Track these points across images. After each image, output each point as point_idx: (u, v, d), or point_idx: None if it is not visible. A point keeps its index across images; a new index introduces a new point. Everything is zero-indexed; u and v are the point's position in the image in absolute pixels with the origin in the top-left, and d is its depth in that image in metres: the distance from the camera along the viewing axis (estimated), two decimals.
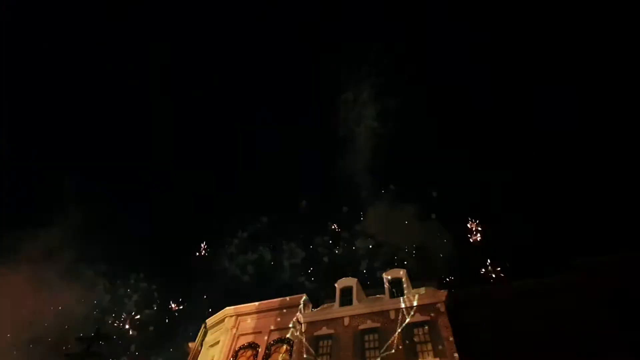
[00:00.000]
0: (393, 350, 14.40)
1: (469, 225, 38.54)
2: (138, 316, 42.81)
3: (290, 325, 17.83)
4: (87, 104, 68.89)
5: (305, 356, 15.76)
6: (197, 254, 45.64)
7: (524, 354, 12.88)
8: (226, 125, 74.41)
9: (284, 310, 18.92)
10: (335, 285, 18.79)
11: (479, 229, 35.99)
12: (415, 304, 15.68)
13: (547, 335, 13.15)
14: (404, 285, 17.18)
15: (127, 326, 41.97)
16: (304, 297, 18.99)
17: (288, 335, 17.53)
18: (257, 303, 19.97)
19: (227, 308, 20.32)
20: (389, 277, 17.80)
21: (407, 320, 15.24)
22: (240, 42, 73.49)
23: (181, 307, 43.17)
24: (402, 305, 15.87)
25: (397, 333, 14.94)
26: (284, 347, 17.30)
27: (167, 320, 42.61)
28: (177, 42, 72.71)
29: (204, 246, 46.45)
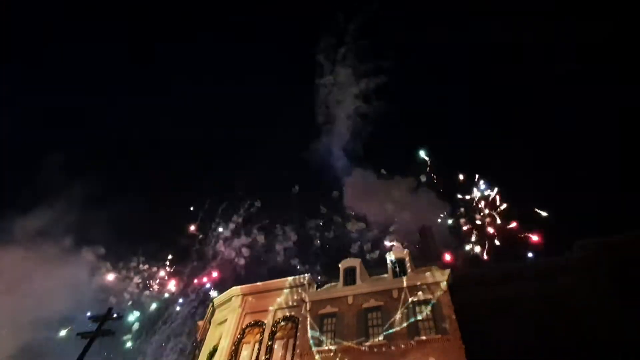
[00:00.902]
0: (396, 328, 14.81)
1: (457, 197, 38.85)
2: (140, 296, 44.14)
3: (295, 304, 18.31)
4: (71, 74, 66.63)
5: (310, 333, 16.25)
6: (193, 235, 46.56)
7: (525, 331, 13.20)
8: (218, 112, 73.01)
9: (289, 290, 19.38)
10: (339, 265, 19.15)
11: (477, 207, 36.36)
12: (417, 283, 15.99)
13: (549, 314, 13.40)
14: (407, 266, 17.49)
15: (130, 303, 43.35)
16: (308, 277, 19.41)
17: (293, 314, 18.04)
18: (262, 283, 20.45)
19: (234, 288, 20.83)
20: (392, 258, 18.09)
21: (410, 299, 15.59)
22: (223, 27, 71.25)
23: (177, 287, 44.49)
24: (405, 285, 16.20)
25: (399, 311, 15.32)
26: (290, 324, 17.84)
27: (164, 302, 44.02)
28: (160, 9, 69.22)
29: (197, 226, 47.20)
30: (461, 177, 35.62)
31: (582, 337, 12.28)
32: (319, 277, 21.00)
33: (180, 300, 43.67)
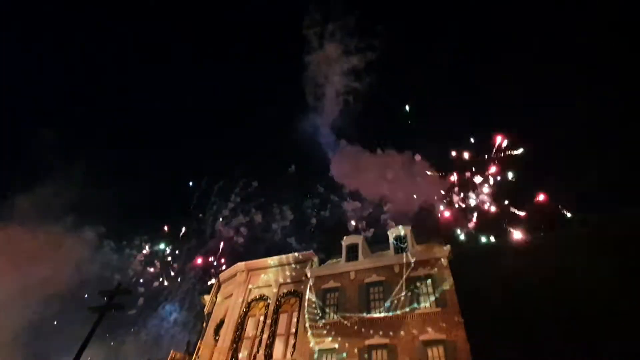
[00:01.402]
0: (397, 302, 15.22)
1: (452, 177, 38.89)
2: (143, 273, 45.52)
3: (299, 280, 18.76)
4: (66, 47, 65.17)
5: (313, 306, 16.74)
6: (192, 214, 47.42)
7: (523, 304, 13.53)
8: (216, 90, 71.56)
9: (292, 266, 19.81)
10: (342, 242, 19.44)
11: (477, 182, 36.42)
12: (418, 259, 16.26)
13: (546, 287, 13.68)
14: (409, 242, 17.73)
15: (136, 278, 44.77)
16: (311, 253, 19.78)
17: (296, 289, 18.53)
18: (266, 259, 20.88)
19: (238, 264, 21.30)
20: (394, 234, 18.32)
21: (411, 274, 15.91)
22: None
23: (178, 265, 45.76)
24: (406, 261, 16.48)
25: (400, 286, 15.68)
26: (293, 299, 18.36)
27: (164, 279, 45.36)
28: None
29: (194, 206, 48.01)
30: (454, 153, 35.49)
31: (578, 311, 12.58)
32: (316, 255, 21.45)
33: (179, 279, 45.13)
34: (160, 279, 44.86)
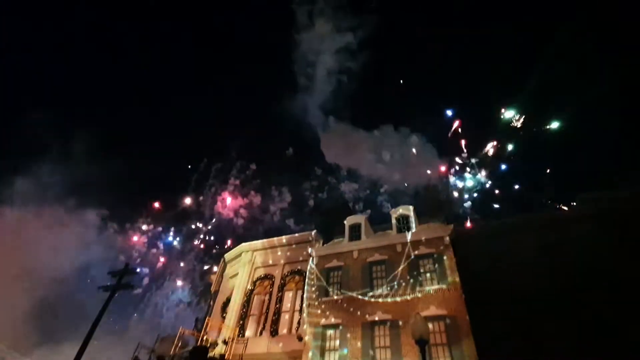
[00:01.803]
0: (399, 280, 15.56)
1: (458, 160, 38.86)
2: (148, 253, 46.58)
3: (302, 259, 19.13)
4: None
5: (317, 285, 17.15)
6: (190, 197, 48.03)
7: (526, 282, 13.77)
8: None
9: (296, 246, 20.15)
10: (345, 222, 19.67)
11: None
12: (421, 238, 16.48)
13: (550, 266, 13.86)
14: (412, 221, 17.91)
15: (139, 261, 45.86)
16: (314, 233, 20.06)
17: (300, 268, 18.93)
18: (270, 239, 21.23)
19: (243, 244, 21.69)
20: (397, 214, 18.49)
21: (414, 253, 16.17)
22: None
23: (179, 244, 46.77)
24: (409, 240, 16.71)
25: (403, 264, 15.98)
26: (297, 277, 18.80)
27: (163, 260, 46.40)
28: None
29: (193, 188, 48.59)
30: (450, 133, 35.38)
31: (582, 289, 12.78)
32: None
33: (182, 265, 46.13)
34: (162, 260, 45.90)
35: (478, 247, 15.54)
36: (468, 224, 17.10)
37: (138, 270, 15.95)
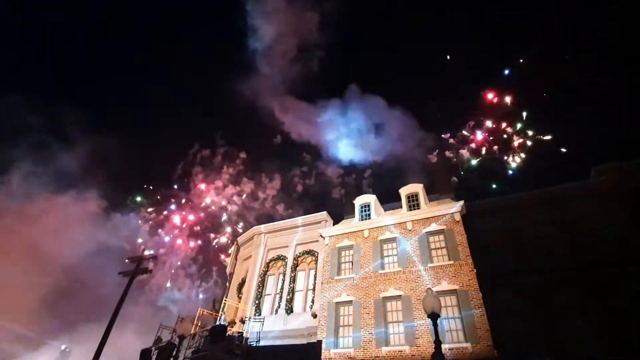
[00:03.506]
0: (410, 256, 15.70)
1: (465, 132, 38.17)
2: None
3: (314, 240, 19.41)
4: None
5: (329, 264, 17.46)
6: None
7: (537, 258, 13.74)
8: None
9: (307, 227, 20.41)
10: (354, 202, 19.74)
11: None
12: (431, 215, 16.48)
13: (561, 241, 13.75)
14: (421, 199, 17.87)
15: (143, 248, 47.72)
16: (325, 213, 20.24)
17: (312, 248, 19.25)
18: (282, 222, 21.57)
19: (255, 227, 22.10)
20: (407, 192, 18.44)
21: (424, 229, 16.22)
22: None
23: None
24: (419, 217, 16.73)
25: (414, 241, 16.07)
26: (310, 257, 19.16)
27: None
28: None
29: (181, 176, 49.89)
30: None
31: (596, 263, 12.68)
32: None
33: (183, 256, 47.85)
34: (164, 250, 47.42)
35: (490, 223, 15.48)
36: (478, 200, 16.92)
37: (154, 253, 16.45)
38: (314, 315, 16.11)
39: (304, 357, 14.79)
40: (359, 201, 19.57)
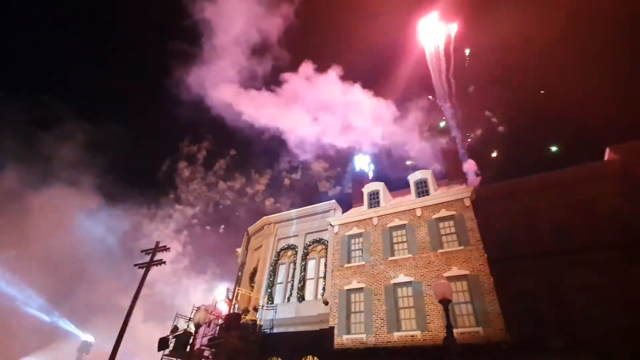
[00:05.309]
0: (420, 243, 15.69)
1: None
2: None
3: (323, 228, 19.52)
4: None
5: (339, 252, 17.58)
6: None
7: (549, 241, 13.57)
8: None
9: (315, 216, 20.51)
10: (362, 190, 19.71)
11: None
12: (440, 201, 16.37)
13: (575, 223, 13.53)
14: (430, 185, 17.74)
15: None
16: (333, 202, 20.28)
17: (322, 237, 19.38)
18: (291, 211, 21.68)
19: (264, 217, 22.30)
20: (416, 178, 18.31)
21: (434, 215, 16.14)
22: None
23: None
24: (428, 204, 16.64)
25: (423, 228, 16.03)
26: (320, 246, 19.30)
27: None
28: None
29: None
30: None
31: (611, 244, 12.47)
32: None
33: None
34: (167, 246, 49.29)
35: (501, 207, 15.31)
36: (488, 183, 16.72)
37: (167, 247, 16.78)
38: (326, 303, 16.33)
39: (316, 343, 15.08)
40: (367, 189, 19.53)
